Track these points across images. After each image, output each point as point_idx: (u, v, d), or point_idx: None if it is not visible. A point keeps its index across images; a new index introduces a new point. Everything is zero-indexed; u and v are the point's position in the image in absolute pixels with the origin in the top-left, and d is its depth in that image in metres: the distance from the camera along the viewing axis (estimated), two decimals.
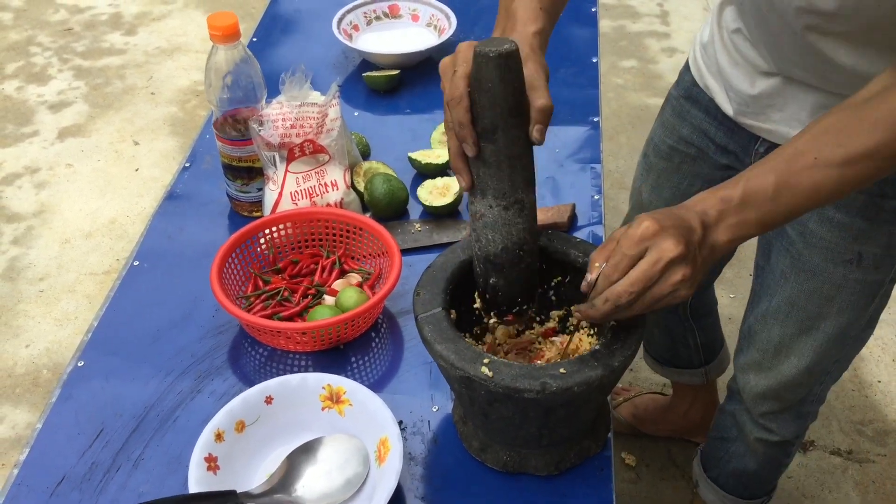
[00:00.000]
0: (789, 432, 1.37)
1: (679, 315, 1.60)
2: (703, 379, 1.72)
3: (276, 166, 1.21)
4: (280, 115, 1.18)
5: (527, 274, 0.95)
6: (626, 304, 0.81)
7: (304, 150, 1.20)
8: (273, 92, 1.22)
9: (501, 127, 0.85)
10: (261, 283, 1.15)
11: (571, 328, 1.00)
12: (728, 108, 1.18)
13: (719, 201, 0.84)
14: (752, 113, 1.14)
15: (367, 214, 1.26)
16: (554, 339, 1.01)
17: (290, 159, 1.20)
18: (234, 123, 1.21)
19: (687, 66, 1.30)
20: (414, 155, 1.35)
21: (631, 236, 0.81)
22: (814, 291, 1.18)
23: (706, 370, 1.71)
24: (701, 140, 1.27)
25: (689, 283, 0.81)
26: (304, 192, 1.21)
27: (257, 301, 1.12)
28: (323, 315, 1.07)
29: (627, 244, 0.81)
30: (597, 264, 0.83)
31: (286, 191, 1.21)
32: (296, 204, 1.20)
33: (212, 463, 0.89)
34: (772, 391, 1.31)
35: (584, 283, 0.84)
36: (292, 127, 1.18)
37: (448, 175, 1.33)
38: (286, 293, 1.13)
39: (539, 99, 0.87)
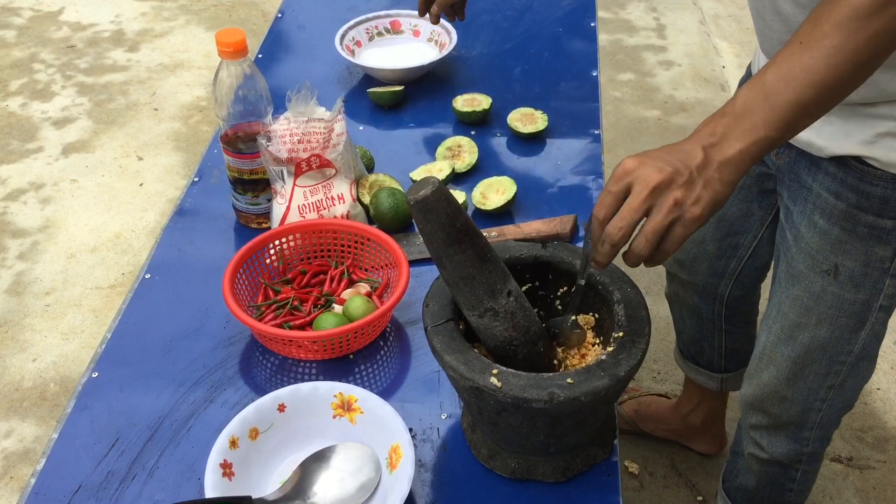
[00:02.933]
0: (781, 453, 1.35)
1: (714, 311, 1.58)
2: (718, 386, 1.72)
3: (283, 180, 1.24)
4: (287, 131, 1.20)
5: (532, 358, 0.96)
6: (621, 239, 0.82)
7: (311, 165, 1.22)
8: (279, 108, 1.25)
9: (444, 256, 0.89)
10: (271, 293, 1.17)
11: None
12: None
13: (722, 116, 0.84)
14: None
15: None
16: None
17: (297, 174, 1.22)
18: (242, 137, 1.23)
19: (749, 70, 1.33)
20: (414, 174, 1.38)
21: (613, 175, 0.83)
22: (795, 298, 1.19)
23: (723, 378, 1.71)
24: None
25: (691, 203, 0.80)
26: (311, 205, 1.23)
27: (268, 310, 1.14)
28: (329, 321, 1.09)
29: (611, 182, 0.83)
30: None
31: (294, 204, 1.23)
32: (303, 217, 1.23)
33: (227, 469, 0.91)
34: (757, 401, 1.32)
35: (583, 224, 0.86)
36: (299, 142, 1.20)
37: (452, 189, 1.35)
38: (296, 303, 1.15)
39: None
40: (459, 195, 1.32)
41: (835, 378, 1.24)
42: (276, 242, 1.19)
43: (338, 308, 1.15)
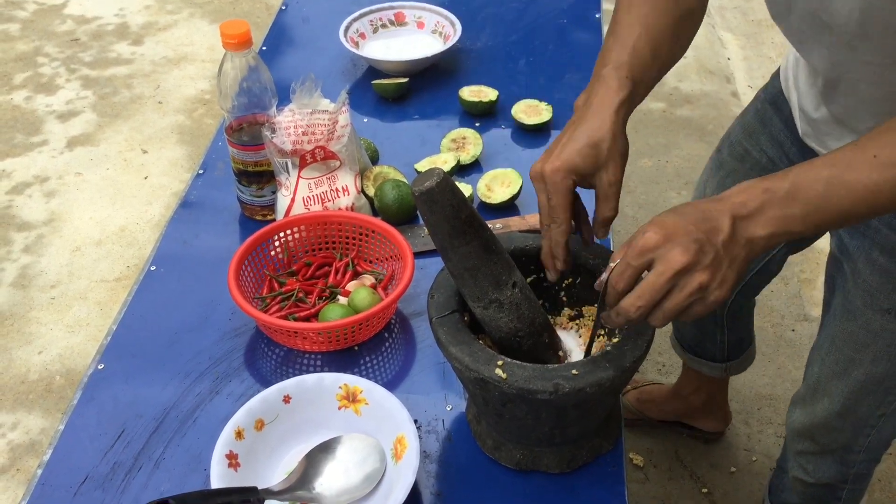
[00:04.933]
0: (827, 477, 1.34)
1: (715, 315, 1.58)
2: (722, 374, 1.72)
3: (288, 172, 1.24)
4: (292, 123, 1.20)
5: (537, 349, 0.96)
6: (638, 317, 0.79)
7: (315, 157, 1.22)
8: (283, 100, 1.25)
9: (449, 248, 0.89)
10: (276, 285, 1.17)
11: (599, 334, 1.00)
12: (798, 126, 1.15)
13: (762, 192, 0.78)
14: (814, 135, 1.11)
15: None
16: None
17: (302, 165, 1.22)
18: (247, 128, 1.23)
19: (778, 72, 1.25)
20: (419, 166, 1.38)
21: (634, 246, 0.78)
22: (851, 334, 1.15)
23: (727, 366, 1.71)
24: (776, 152, 1.24)
25: (715, 287, 0.77)
26: (316, 197, 1.23)
27: (273, 302, 1.14)
28: (334, 313, 1.09)
29: (632, 254, 0.78)
30: (611, 264, 0.81)
31: (299, 196, 1.23)
32: (308, 209, 1.23)
33: (233, 460, 0.91)
34: (806, 430, 1.30)
35: (596, 282, 0.85)
36: (304, 134, 1.20)
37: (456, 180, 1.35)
38: (301, 294, 1.15)
39: (606, 211, 0.88)
40: (466, 188, 1.32)
41: (887, 407, 1.22)
42: (281, 234, 1.19)
43: (343, 300, 1.15)
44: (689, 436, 1.91)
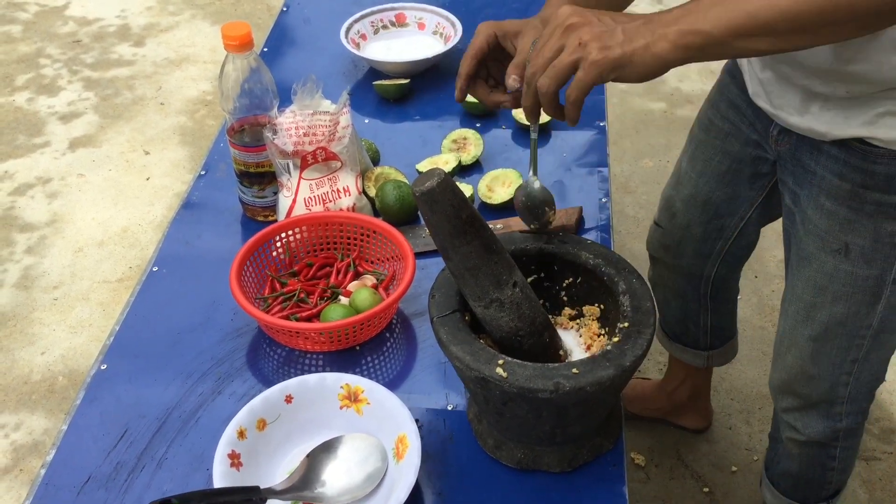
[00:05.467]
0: (817, 432, 1.36)
1: (699, 292, 1.60)
2: (705, 362, 1.75)
3: (289, 173, 1.24)
4: (293, 124, 1.21)
5: (538, 349, 0.96)
6: (533, 79, 0.89)
7: (316, 158, 1.23)
8: (285, 101, 1.25)
9: (450, 247, 0.89)
10: (278, 285, 1.18)
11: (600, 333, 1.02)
12: (749, 87, 1.21)
13: (669, 10, 0.87)
14: (762, 95, 1.17)
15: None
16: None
17: (303, 166, 1.23)
18: (249, 129, 1.24)
19: None
20: (420, 166, 1.38)
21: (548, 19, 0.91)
22: (808, 280, 1.20)
23: (710, 355, 1.73)
24: (735, 115, 1.30)
25: (597, 48, 0.84)
26: (317, 198, 1.24)
27: (275, 303, 1.15)
28: (336, 313, 1.10)
29: (549, 29, 0.90)
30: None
31: (300, 197, 1.23)
32: (309, 209, 1.23)
33: (235, 460, 0.91)
34: (784, 384, 1.33)
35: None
36: (305, 135, 1.21)
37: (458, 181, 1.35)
38: (302, 295, 1.15)
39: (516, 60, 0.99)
40: (466, 188, 1.32)
41: (857, 352, 1.25)
42: (283, 235, 1.19)
43: (344, 300, 1.15)
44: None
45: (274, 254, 1.19)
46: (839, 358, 1.26)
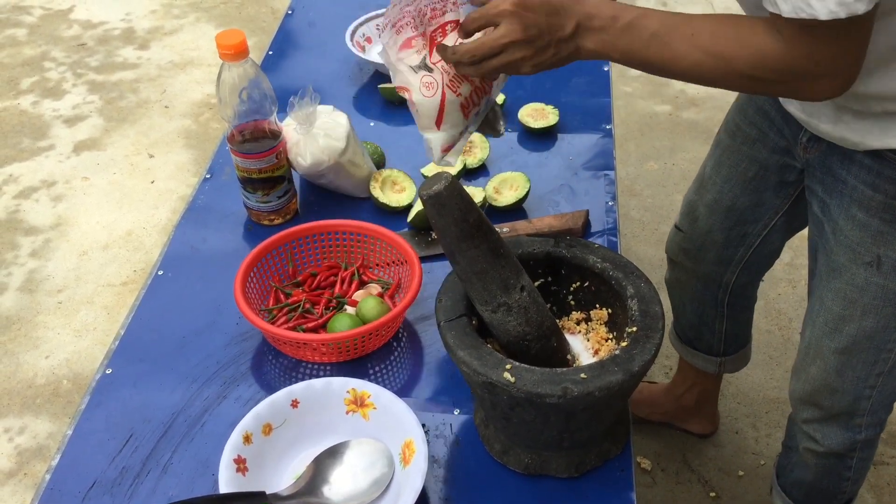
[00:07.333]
0: (836, 444, 1.34)
1: (717, 298, 1.58)
2: (716, 368, 1.73)
3: (419, 69, 1.02)
4: (398, 18, 1.01)
5: (545, 353, 0.96)
6: (465, 64, 0.96)
7: (445, 31, 1.01)
8: (285, 105, 1.25)
9: (457, 251, 0.89)
10: (282, 296, 1.17)
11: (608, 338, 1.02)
12: None
13: (610, 18, 0.93)
14: (794, 101, 1.15)
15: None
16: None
17: (432, 48, 1.01)
18: (249, 137, 1.23)
19: None
20: (425, 170, 1.38)
21: (494, 5, 0.93)
22: (838, 291, 1.18)
23: (722, 361, 1.71)
24: (763, 122, 1.28)
25: (530, 64, 0.95)
26: (453, 76, 1.01)
27: (280, 314, 1.14)
28: (343, 322, 1.09)
29: (490, 7, 0.93)
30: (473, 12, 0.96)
31: (443, 82, 1.02)
32: (458, 95, 1.03)
33: (241, 465, 0.91)
34: (808, 396, 1.31)
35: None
36: (420, 16, 1.01)
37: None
38: (308, 305, 1.15)
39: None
40: (477, 192, 1.31)
41: (883, 366, 1.23)
42: (286, 244, 1.18)
43: (350, 309, 1.15)
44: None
45: (277, 264, 1.18)
46: (864, 372, 1.23)
